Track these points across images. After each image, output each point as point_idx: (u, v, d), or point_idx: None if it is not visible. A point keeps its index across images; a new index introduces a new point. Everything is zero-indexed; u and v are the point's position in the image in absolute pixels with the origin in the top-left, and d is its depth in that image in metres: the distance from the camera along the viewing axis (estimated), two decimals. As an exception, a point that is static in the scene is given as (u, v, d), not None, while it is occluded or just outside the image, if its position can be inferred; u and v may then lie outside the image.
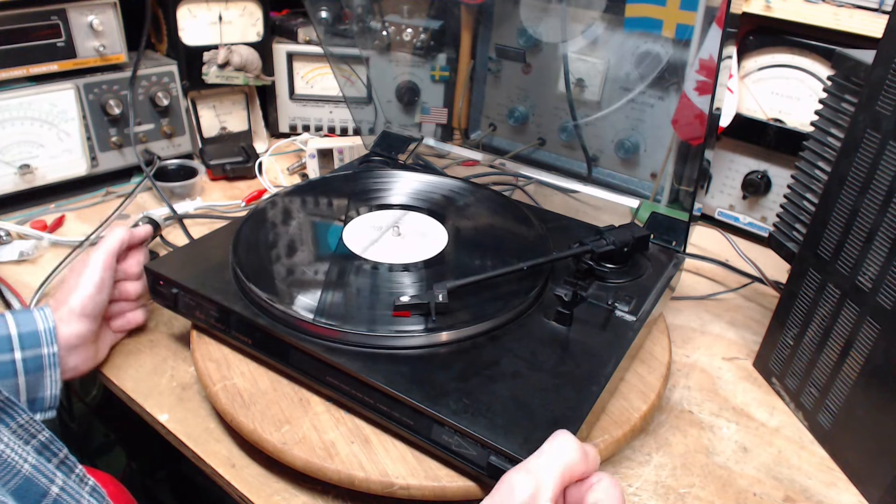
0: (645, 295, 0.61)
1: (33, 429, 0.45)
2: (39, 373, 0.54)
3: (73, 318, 0.57)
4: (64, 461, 0.46)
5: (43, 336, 0.55)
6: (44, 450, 0.45)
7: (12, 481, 0.40)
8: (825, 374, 0.58)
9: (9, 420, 0.44)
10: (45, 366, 0.54)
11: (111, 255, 0.61)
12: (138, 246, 0.66)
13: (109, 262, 0.60)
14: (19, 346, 0.53)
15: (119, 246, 0.62)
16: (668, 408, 0.63)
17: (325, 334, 0.53)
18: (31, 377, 0.54)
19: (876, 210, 0.52)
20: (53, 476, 0.42)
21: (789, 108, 0.85)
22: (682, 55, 0.80)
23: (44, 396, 0.55)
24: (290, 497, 0.51)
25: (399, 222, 0.69)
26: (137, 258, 0.65)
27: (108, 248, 0.61)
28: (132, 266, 0.65)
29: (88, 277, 0.59)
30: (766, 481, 0.56)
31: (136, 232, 0.65)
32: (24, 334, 0.54)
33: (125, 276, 0.64)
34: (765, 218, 0.91)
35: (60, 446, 0.46)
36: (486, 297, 0.58)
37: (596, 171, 0.98)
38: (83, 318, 0.58)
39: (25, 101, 0.84)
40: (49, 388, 0.55)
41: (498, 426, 0.46)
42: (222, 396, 0.54)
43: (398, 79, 1.04)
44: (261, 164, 1.00)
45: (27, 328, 0.54)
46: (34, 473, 0.41)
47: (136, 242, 0.65)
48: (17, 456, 0.41)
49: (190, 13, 0.97)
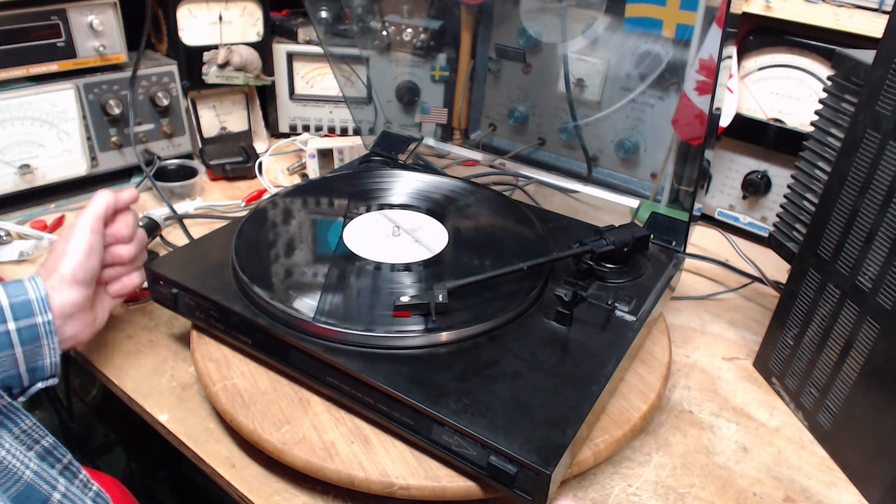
0: (645, 295, 0.61)
1: (36, 434, 0.45)
2: (36, 342, 0.52)
3: (64, 285, 0.55)
4: (68, 467, 0.46)
5: (35, 305, 0.53)
6: (47, 455, 0.45)
7: (13, 488, 0.40)
8: (825, 374, 0.58)
9: (11, 425, 0.44)
10: (40, 335, 0.53)
11: (97, 218, 0.59)
12: (125, 208, 0.64)
13: (96, 225, 0.59)
14: (12, 316, 0.51)
15: (105, 209, 0.60)
16: (668, 408, 0.63)
17: (325, 334, 0.53)
18: (28, 347, 0.52)
19: (876, 210, 0.52)
20: (55, 482, 0.42)
21: (789, 108, 0.85)
22: (682, 55, 0.80)
23: (43, 365, 0.53)
24: (290, 497, 0.51)
25: (399, 222, 0.69)
26: (126, 220, 0.63)
27: (93, 212, 0.59)
28: (121, 228, 0.62)
29: (76, 243, 0.57)
30: (766, 481, 0.56)
31: (122, 194, 0.63)
32: (15, 304, 0.52)
33: (115, 239, 0.62)
34: (765, 218, 0.91)
35: (64, 452, 0.46)
36: (486, 297, 0.58)
37: (596, 171, 0.97)
38: (75, 285, 0.56)
39: (25, 101, 0.84)
40: (48, 356, 0.53)
41: (498, 426, 0.46)
42: (222, 396, 0.54)
43: (398, 79, 1.04)
44: (261, 164, 1.00)
45: (18, 298, 0.52)
46: (36, 480, 0.41)
47: (122, 205, 0.63)
48: (19, 462, 0.41)
49: (190, 13, 0.97)
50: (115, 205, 0.62)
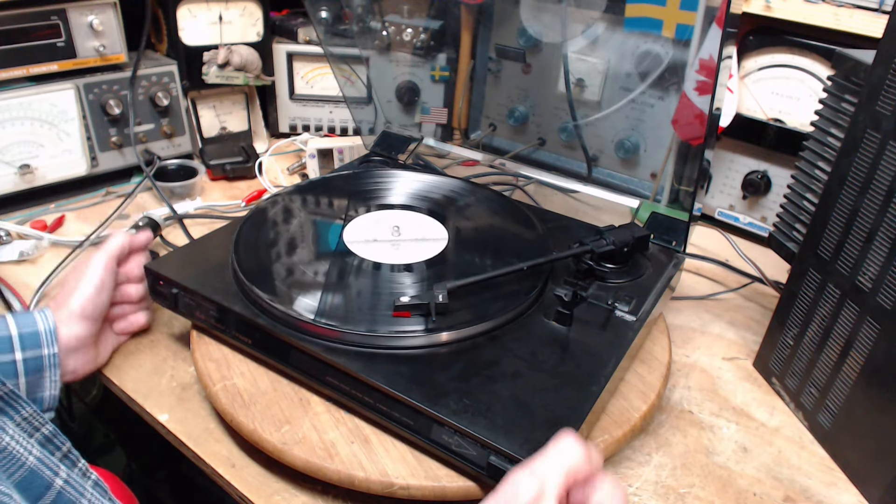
0: (645, 295, 0.61)
1: (37, 422, 0.45)
2: (39, 373, 0.54)
3: (73, 319, 0.57)
4: (67, 455, 0.46)
5: (43, 336, 0.55)
6: (47, 443, 0.46)
7: (17, 473, 0.40)
8: (825, 374, 0.58)
9: (13, 413, 0.44)
10: (45, 366, 0.54)
11: (112, 257, 0.61)
12: (140, 250, 0.67)
13: (110, 264, 0.61)
14: (20, 346, 0.53)
15: (120, 249, 0.62)
16: (668, 408, 0.63)
17: (325, 334, 0.53)
18: (32, 378, 0.54)
19: (876, 210, 0.52)
20: (58, 469, 0.42)
21: (789, 108, 0.85)
22: (682, 55, 0.80)
23: (43, 397, 0.55)
24: (290, 497, 0.51)
25: (399, 222, 0.69)
26: (138, 261, 0.65)
27: (108, 251, 0.61)
28: (133, 269, 0.65)
29: (89, 279, 0.59)
30: (766, 481, 0.56)
31: (138, 237, 0.66)
32: (24, 335, 0.54)
33: (126, 279, 0.64)
34: (765, 218, 0.91)
35: (64, 440, 0.46)
36: (486, 297, 0.58)
37: (596, 171, 0.98)
38: (83, 320, 0.58)
39: (25, 101, 0.84)
40: (48, 388, 0.55)
41: (498, 426, 0.46)
42: (222, 396, 0.54)
43: (398, 79, 1.04)
44: (261, 164, 1.00)
45: (28, 329, 0.54)
46: (39, 466, 0.41)
47: (137, 247, 0.66)
48: (22, 448, 0.41)
49: (190, 13, 0.97)
50: (130, 246, 0.64)
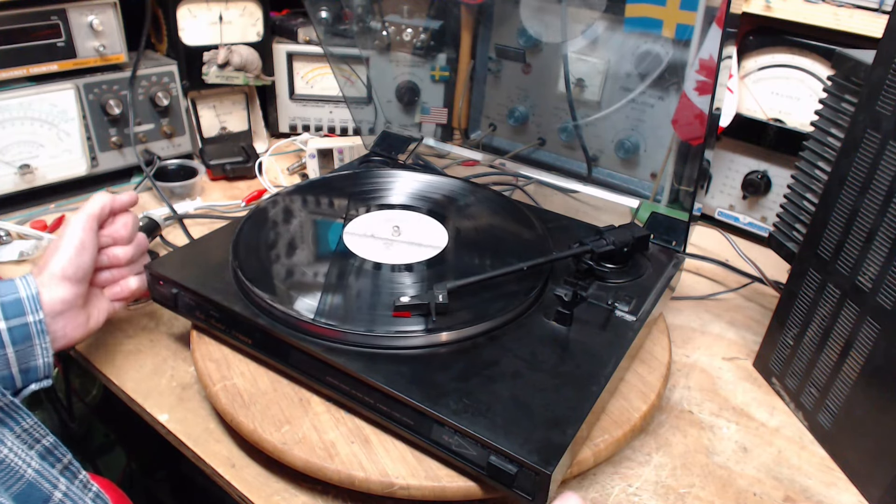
0: (645, 295, 0.61)
1: (37, 433, 0.45)
2: (28, 342, 0.52)
3: (53, 281, 0.55)
4: (68, 466, 0.46)
5: (26, 303, 0.52)
6: (48, 455, 0.45)
7: (15, 486, 0.40)
8: (825, 374, 0.58)
9: (13, 424, 0.44)
10: (32, 334, 0.52)
11: (91, 217, 0.59)
12: (123, 210, 0.64)
13: (90, 223, 0.58)
14: (2, 315, 0.51)
15: (100, 209, 0.60)
16: (668, 408, 0.63)
17: (325, 334, 0.53)
18: (20, 347, 0.52)
19: (876, 210, 0.52)
20: (57, 481, 0.42)
21: (789, 108, 0.85)
22: (682, 55, 0.80)
23: (36, 366, 0.53)
24: (290, 497, 0.51)
25: (399, 222, 0.69)
26: (124, 220, 0.63)
27: (87, 212, 0.59)
28: (119, 229, 0.62)
29: (68, 240, 0.57)
30: (766, 481, 0.56)
31: (119, 197, 0.63)
32: (6, 303, 0.51)
33: (113, 240, 0.62)
34: (765, 218, 0.91)
35: (64, 451, 0.46)
36: (486, 298, 0.58)
37: (596, 171, 0.98)
38: (65, 281, 0.55)
39: (25, 101, 0.84)
40: (41, 356, 0.53)
41: (498, 426, 0.46)
42: (222, 396, 0.54)
43: (398, 79, 1.04)
44: (261, 164, 1.00)
45: (10, 297, 0.52)
46: (37, 478, 0.41)
47: (119, 207, 0.63)
48: (21, 461, 0.41)
49: (190, 13, 0.97)
50: (112, 206, 0.62)
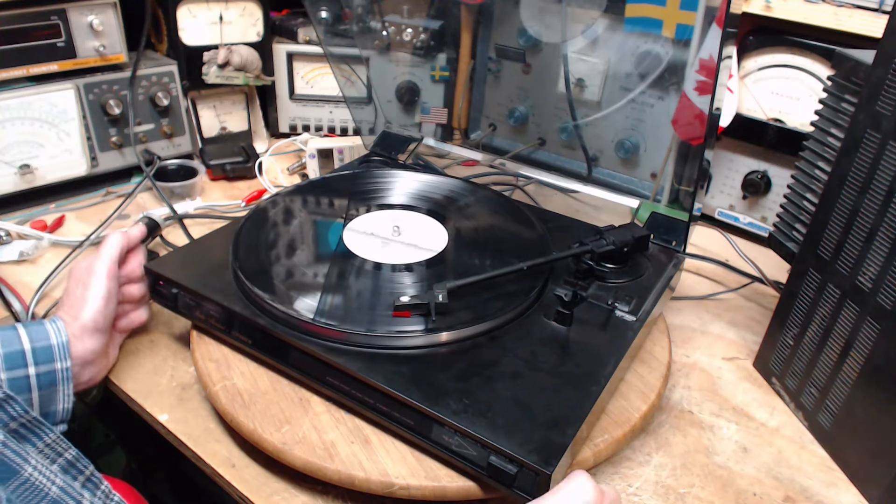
0: (645, 295, 0.61)
1: (60, 447, 0.45)
2: (53, 387, 0.53)
3: (86, 334, 0.56)
4: (90, 478, 0.45)
5: (56, 351, 0.54)
6: (70, 468, 0.45)
7: None
8: (825, 374, 0.58)
9: (36, 440, 0.44)
10: (58, 380, 0.53)
11: (114, 262, 0.60)
12: (136, 247, 0.66)
13: (113, 270, 0.60)
14: (33, 361, 0.52)
15: (119, 252, 0.61)
16: (668, 408, 0.63)
17: (325, 334, 0.53)
18: (45, 392, 0.53)
19: (876, 210, 0.52)
20: (80, 497, 0.42)
21: (789, 108, 0.85)
22: (682, 55, 0.80)
23: (56, 410, 0.54)
24: (290, 497, 0.51)
25: (399, 222, 0.69)
26: (138, 259, 0.65)
27: (109, 257, 0.60)
28: (134, 269, 0.64)
29: (96, 290, 0.58)
30: (766, 481, 0.56)
31: (132, 234, 0.65)
32: (37, 349, 0.53)
33: (128, 279, 0.64)
34: (765, 218, 0.91)
35: (87, 463, 0.46)
36: (486, 297, 0.58)
37: (596, 171, 0.97)
38: (96, 333, 0.57)
39: (25, 101, 0.84)
40: (61, 402, 0.54)
41: (498, 426, 0.46)
42: (222, 396, 0.54)
43: (398, 79, 1.04)
44: (261, 164, 1.00)
45: (41, 343, 0.53)
46: (62, 496, 0.40)
47: (133, 244, 0.65)
48: (45, 479, 0.40)
49: (190, 13, 0.97)
50: (128, 245, 0.64)
